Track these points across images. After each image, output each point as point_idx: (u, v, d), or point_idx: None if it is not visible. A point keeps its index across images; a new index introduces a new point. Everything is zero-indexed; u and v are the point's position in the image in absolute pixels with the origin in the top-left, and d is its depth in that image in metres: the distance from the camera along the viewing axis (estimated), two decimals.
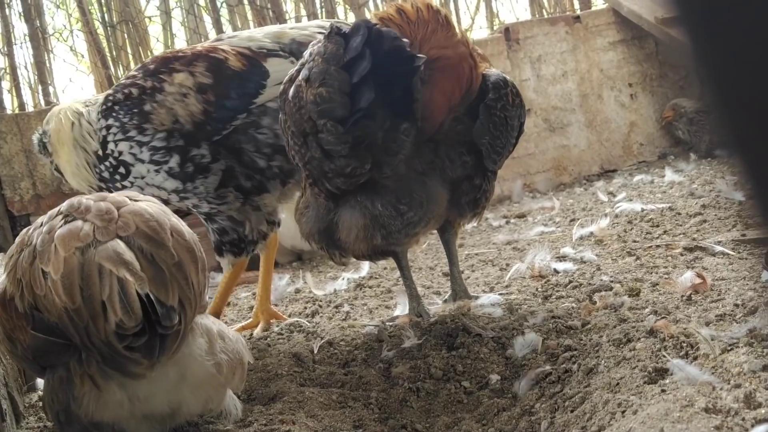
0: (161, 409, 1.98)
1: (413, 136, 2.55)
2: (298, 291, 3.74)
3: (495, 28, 6.36)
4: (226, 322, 3.37)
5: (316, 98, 2.42)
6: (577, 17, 6.18)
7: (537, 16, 6.50)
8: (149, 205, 1.99)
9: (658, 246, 3.35)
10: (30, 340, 1.93)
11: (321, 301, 3.47)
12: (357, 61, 2.35)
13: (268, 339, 3.04)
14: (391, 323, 2.88)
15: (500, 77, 2.75)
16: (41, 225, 2.00)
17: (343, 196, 2.64)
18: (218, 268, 4.79)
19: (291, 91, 2.56)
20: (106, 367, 1.87)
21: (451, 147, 2.68)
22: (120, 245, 1.86)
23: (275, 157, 2.96)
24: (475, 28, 6.60)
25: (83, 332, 1.83)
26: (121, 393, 1.90)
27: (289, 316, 3.30)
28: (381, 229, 2.63)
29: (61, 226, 1.93)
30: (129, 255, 1.85)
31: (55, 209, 2.03)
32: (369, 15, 6.06)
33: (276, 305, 3.54)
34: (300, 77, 2.52)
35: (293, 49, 3.02)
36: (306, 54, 2.55)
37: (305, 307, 3.39)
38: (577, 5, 6.66)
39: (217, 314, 3.04)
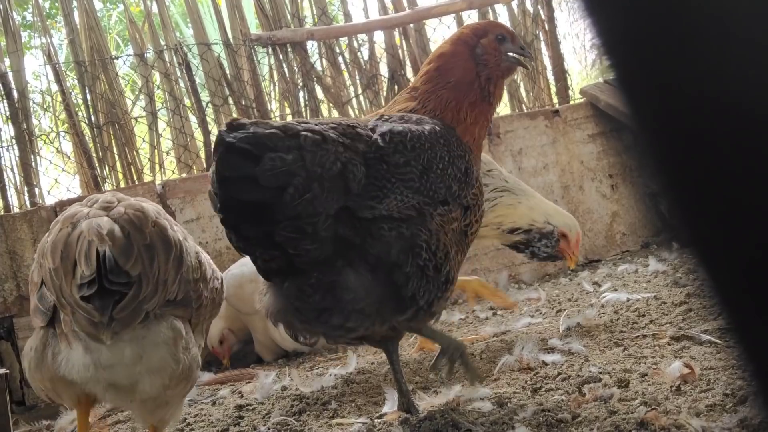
0: (121, 381, 2.32)
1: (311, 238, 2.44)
2: (284, 388, 3.69)
3: None
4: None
5: None
6: (556, 111, 6.33)
7: (517, 110, 6.65)
8: (149, 204, 2.43)
9: (645, 336, 3.35)
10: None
11: (308, 398, 3.42)
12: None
13: None
14: (379, 420, 2.84)
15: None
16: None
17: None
18: (205, 367, 4.73)
19: None
20: (75, 326, 2.23)
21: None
22: (103, 220, 2.26)
23: None
24: None
25: (59, 290, 2.24)
26: (87, 357, 2.26)
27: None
28: (296, 314, 2.56)
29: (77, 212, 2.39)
30: (107, 227, 2.23)
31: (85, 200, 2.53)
32: (351, 113, 6.19)
33: (262, 403, 3.49)
34: None
35: None
36: None
37: (292, 405, 3.34)
38: (555, 100, 6.83)
39: None
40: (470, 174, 2.85)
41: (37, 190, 5.22)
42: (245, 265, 4.73)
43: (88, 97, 5.54)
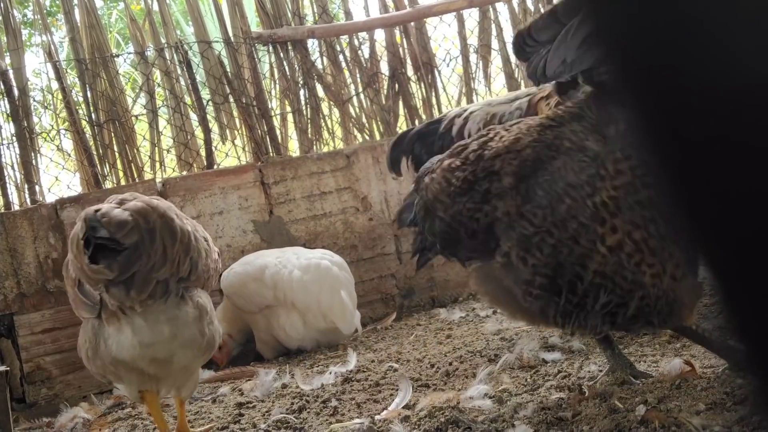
0: (161, 356, 2.73)
1: None
2: (284, 386, 3.69)
3: None
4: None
5: None
6: None
7: None
8: (160, 201, 2.79)
9: (645, 334, 3.35)
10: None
11: (308, 396, 3.42)
12: None
13: None
14: (380, 418, 2.84)
15: None
16: None
17: None
18: (206, 365, 4.73)
19: None
20: (111, 300, 2.65)
21: None
22: (106, 208, 2.62)
23: None
24: None
25: (80, 271, 2.65)
26: (133, 338, 2.68)
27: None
28: None
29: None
30: (105, 209, 2.61)
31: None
32: (352, 111, 6.18)
33: (263, 401, 3.49)
34: None
35: None
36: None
37: (292, 403, 3.34)
38: None
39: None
40: None
41: (37, 188, 5.21)
42: (248, 263, 4.70)
43: (89, 94, 5.52)
